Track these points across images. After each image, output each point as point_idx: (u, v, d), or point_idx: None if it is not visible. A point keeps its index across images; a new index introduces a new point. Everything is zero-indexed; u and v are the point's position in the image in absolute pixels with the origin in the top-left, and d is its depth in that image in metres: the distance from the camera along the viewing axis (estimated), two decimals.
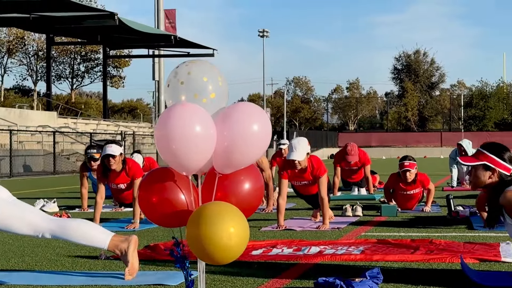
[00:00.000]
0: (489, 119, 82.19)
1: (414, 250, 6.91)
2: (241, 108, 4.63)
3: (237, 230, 4.39)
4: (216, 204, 4.51)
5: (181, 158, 4.45)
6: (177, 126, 4.39)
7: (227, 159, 4.56)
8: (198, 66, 4.60)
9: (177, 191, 4.64)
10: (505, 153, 5.32)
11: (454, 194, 14.38)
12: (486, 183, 5.30)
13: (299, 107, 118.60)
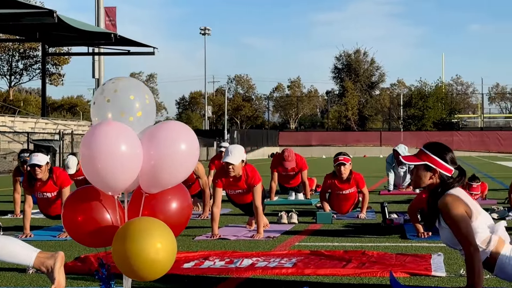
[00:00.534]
0: (428, 118, 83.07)
1: (347, 262, 6.90)
2: (168, 126, 4.56)
3: (164, 246, 4.32)
4: (142, 220, 4.45)
5: (107, 178, 4.37)
6: (102, 145, 4.31)
7: (153, 178, 4.49)
8: (125, 83, 4.53)
9: (102, 210, 4.56)
10: (447, 154, 5.34)
11: (391, 199, 14.51)
12: (426, 183, 5.33)
13: (240, 105, 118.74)
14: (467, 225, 5.12)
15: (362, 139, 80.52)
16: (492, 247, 5.18)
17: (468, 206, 5.19)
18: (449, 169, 5.30)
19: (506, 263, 5.17)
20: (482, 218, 5.25)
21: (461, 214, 5.12)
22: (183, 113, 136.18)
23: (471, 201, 5.26)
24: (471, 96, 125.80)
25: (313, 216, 11.20)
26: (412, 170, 5.48)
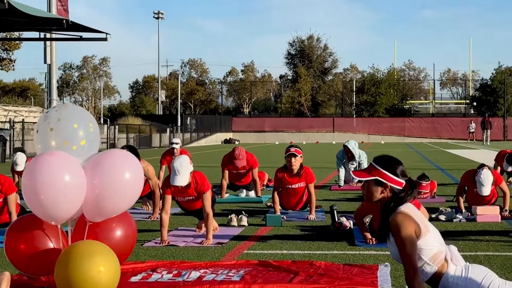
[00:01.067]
0: (380, 105, 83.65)
1: (294, 275, 6.92)
2: (113, 155, 4.53)
3: (107, 269, 4.30)
4: (85, 243, 4.41)
5: (49, 209, 4.33)
6: (45, 176, 4.27)
7: (97, 208, 4.46)
8: (68, 111, 4.48)
9: (45, 239, 4.52)
10: (397, 168, 5.39)
11: (341, 195, 14.57)
12: (378, 198, 5.37)
13: (194, 89, 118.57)
14: (412, 248, 5.17)
15: (315, 125, 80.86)
16: (438, 265, 5.25)
17: (418, 224, 5.25)
18: (399, 182, 5.35)
19: (450, 281, 5.24)
20: (430, 235, 5.31)
21: (409, 235, 5.17)
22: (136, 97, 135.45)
23: (421, 219, 5.32)
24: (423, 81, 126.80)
25: (263, 217, 11.23)
26: (363, 185, 5.51)
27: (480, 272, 5.31)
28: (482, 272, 5.30)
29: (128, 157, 4.55)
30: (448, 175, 21.17)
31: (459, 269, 5.28)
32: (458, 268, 5.29)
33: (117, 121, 67.87)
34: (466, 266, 5.32)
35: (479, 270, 5.33)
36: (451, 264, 5.28)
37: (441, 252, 5.28)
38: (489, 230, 10.04)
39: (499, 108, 78.73)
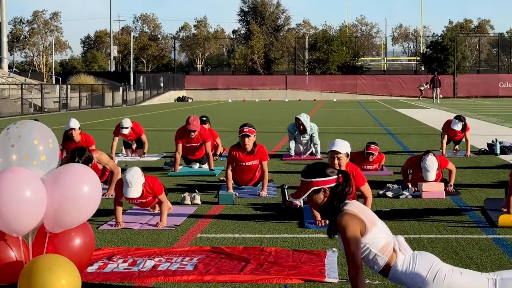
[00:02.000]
0: (332, 62, 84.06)
1: (245, 264, 7.22)
2: (72, 170, 4.75)
3: (68, 282, 4.54)
4: (47, 257, 4.64)
5: (11, 223, 4.55)
6: (6, 192, 4.48)
7: (57, 220, 4.69)
8: (29, 128, 4.69)
9: (6, 248, 4.73)
10: (323, 170, 5.64)
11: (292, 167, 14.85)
12: (323, 202, 5.63)
13: (146, 45, 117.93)
14: (356, 247, 5.47)
15: (268, 82, 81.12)
16: (388, 256, 5.56)
17: (364, 221, 5.53)
18: (332, 180, 5.61)
19: (399, 271, 5.55)
20: (377, 228, 5.59)
21: (354, 236, 5.46)
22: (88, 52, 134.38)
23: (366, 215, 5.61)
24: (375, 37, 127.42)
25: (216, 194, 11.50)
26: (307, 200, 5.77)
27: (428, 261, 5.61)
28: (430, 261, 5.61)
29: (86, 171, 4.77)
30: (398, 142, 21.59)
31: (407, 258, 5.59)
32: (407, 258, 5.60)
33: (69, 79, 67.37)
34: (414, 255, 5.62)
35: (427, 259, 5.63)
36: (400, 254, 5.59)
37: (389, 243, 5.58)
38: (434, 208, 10.41)
39: (449, 65, 79.60)
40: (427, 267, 5.55)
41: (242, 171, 12.00)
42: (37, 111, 46.98)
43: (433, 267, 5.55)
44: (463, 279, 5.58)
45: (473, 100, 64.57)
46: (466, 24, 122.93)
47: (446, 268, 5.59)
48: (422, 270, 5.53)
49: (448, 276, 5.52)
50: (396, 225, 9.18)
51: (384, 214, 9.94)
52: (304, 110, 45.50)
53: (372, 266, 5.61)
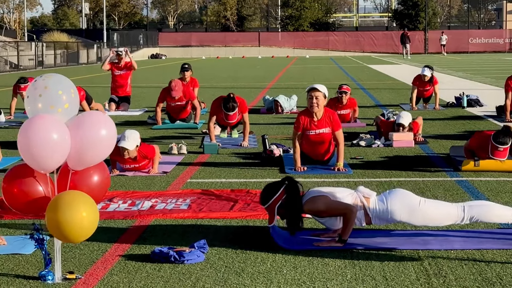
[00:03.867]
0: (305, 19, 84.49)
1: (234, 203, 8.01)
2: (91, 116, 5.51)
3: (88, 214, 5.31)
4: (70, 193, 5.40)
5: (40, 161, 5.30)
6: (37, 135, 5.22)
7: (79, 159, 5.44)
8: (54, 80, 5.41)
9: (36, 184, 5.49)
10: (270, 191, 6.39)
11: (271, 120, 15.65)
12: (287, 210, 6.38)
13: (118, 1, 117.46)
14: (333, 204, 6.31)
15: (241, 39, 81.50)
16: (360, 205, 6.40)
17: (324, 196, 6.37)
18: (282, 191, 6.36)
19: (376, 209, 6.40)
20: (338, 194, 6.44)
21: (323, 203, 6.32)
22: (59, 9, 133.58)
23: (323, 192, 6.44)
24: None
25: (200, 145, 12.26)
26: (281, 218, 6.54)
27: (400, 194, 6.47)
28: (402, 194, 6.46)
29: (103, 117, 5.52)
30: (370, 96, 22.40)
31: (376, 199, 6.43)
32: (373, 199, 6.45)
33: (42, 36, 67.41)
34: (385, 194, 6.47)
35: (399, 194, 6.48)
36: (369, 200, 6.42)
37: (355, 198, 6.42)
38: (403, 155, 11.25)
39: (421, 21, 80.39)
40: (401, 200, 6.39)
41: (226, 123, 12.71)
42: (13, 69, 47.31)
43: (406, 198, 6.40)
44: (434, 205, 6.44)
45: (443, 56, 65.47)
46: None
47: (419, 198, 6.44)
48: (397, 203, 6.36)
49: (422, 204, 6.37)
50: (369, 172, 10.00)
51: (358, 162, 10.79)
52: (277, 66, 46.28)
53: (356, 223, 6.41)
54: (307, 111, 10.09)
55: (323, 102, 9.99)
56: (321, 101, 9.92)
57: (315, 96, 9.91)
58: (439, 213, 6.41)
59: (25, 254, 6.22)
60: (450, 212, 6.40)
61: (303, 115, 10.12)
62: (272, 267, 5.82)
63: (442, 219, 6.40)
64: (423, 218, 6.37)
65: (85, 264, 5.93)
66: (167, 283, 5.44)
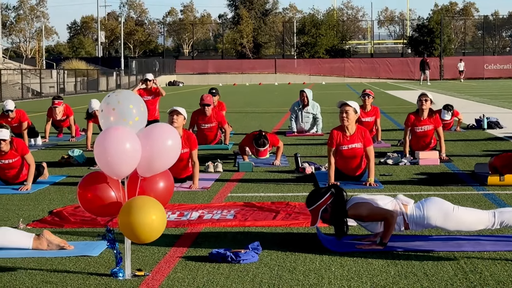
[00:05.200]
0: (321, 46, 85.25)
1: (276, 214, 8.56)
2: (158, 128, 6.10)
3: (157, 217, 5.87)
4: (141, 198, 5.97)
5: (114, 168, 5.88)
6: (112, 144, 5.81)
7: (148, 166, 6.02)
8: (125, 96, 6.00)
9: (108, 189, 6.06)
10: (317, 195, 6.95)
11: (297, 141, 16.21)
12: (331, 215, 6.94)
13: (133, 30, 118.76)
14: (375, 210, 6.86)
15: (257, 66, 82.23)
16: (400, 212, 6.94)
17: (367, 202, 6.93)
18: (327, 198, 6.93)
19: (413, 215, 6.94)
20: (380, 200, 7.01)
21: (366, 209, 6.89)
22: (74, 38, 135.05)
23: (366, 199, 7.02)
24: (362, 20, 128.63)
25: (234, 164, 12.84)
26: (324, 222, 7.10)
27: (435, 202, 7.01)
28: (437, 202, 7.01)
29: (169, 128, 6.11)
30: (391, 119, 22.93)
31: (412, 206, 6.98)
32: (411, 206, 6.99)
33: (60, 64, 68.42)
34: (421, 202, 7.02)
35: (434, 201, 7.03)
36: (407, 207, 6.97)
37: (395, 204, 6.98)
38: (430, 172, 11.79)
39: (436, 48, 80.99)
40: (436, 206, 6.93)
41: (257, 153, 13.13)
42: (35, 96, 48.11)
43: (441, 205, 6.94)
44: (467, 212, 6.99)
45: (459, 82, 65.97)
46: (451, 7, 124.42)
47: (452, 205, 6.99)
48: (433, 210, 6.91)
49: (456, 211, 6.91)
50: (399, 186, 10.54)
51: (388, 178, 11.33)
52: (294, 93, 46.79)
53: (396, 228, 6.96)
54: (340, 127, 10.68)
55: (353, 117, 10.58)
56: (351, 115, 10.51)
57: (345, 111, 10.50)
58: (472, 218, 6.94)
59: (92, 256, 6.79)
60: (482, 218, 6.94)
61: (336, 131, 10.71)
62: (321, 265, 6.37)
63: (475, 224, 6.94)
64: (457, 223, 6.90)
65: (149, 264, 6.50)
66: (228, 279, 5.99)
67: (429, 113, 13.32)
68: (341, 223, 6.93)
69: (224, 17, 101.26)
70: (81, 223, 8.26)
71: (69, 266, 6.47)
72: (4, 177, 11.04)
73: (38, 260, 6.70)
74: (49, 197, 10.07)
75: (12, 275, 6.21)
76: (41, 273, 6.28)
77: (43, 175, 11.45)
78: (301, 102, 18.41)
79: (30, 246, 6.94)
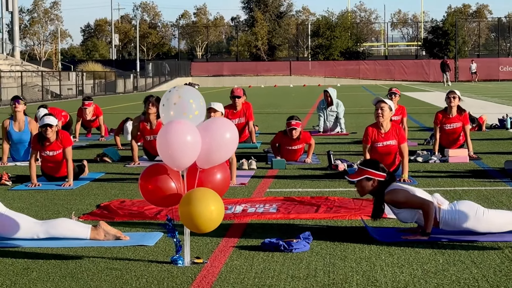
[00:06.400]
0: (335, 48, 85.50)
1: (317, 207, 8.81)
2: (217, 121, 6.39)
3: (216, 208, 6.14)
4: (200, 189, 6.25)
5: (176, 160, 6.16)
6: (174, 136, 6.09)
7: (207, 158, 6.30)
8: (185, 91, 6.29)
9: (169, 180, 6.34)
10: (379, 166, 7.31)
11: (324, 140, 16.46)
12: (370, 190, 7.27)
13: (146, 33, 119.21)
14: (413, 197, 7.12)
15: (272, 68, 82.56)
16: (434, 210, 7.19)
17: (405, 189, 7.20)
18: (382, 175, 7.26)
19: (446, 217, 7.17)
20: (418, 192, 7.26)
21: (403, 196, 7.13)
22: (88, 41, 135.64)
23: (406, 187, 7.28)
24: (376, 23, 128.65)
25: (266, 162, 13.11)
26: (356, 183, 7.37)
27: (467, 204, 7.26)
28: (469, 205, 7.26)
29: (227, 122, 6.39)
30: (412, 119, 23.14)
31: (448, 207, 7.22)
32: (448, 207, 7.23)
33: (77, 67, 68.88)
34: (454, 204, 7.26)
35: (467, 204, 7.28)
36: (442, 207, 7.22)
37: (432, 199, 7.22)
38: (461, 169, 12.03)
39: (451, 50, 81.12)
40: (468, 209, 7.17)
41: (290, 153, 13.30)
42: (54, 98, 48.50)
43: (472, 208, 7.18)
44: (498, 214, 7.23)
45: (474, 84, 66.10)
46: (465, 9, 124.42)
47: (483, 208, 7.23)
48: (464, 212, 7.15)
49: (486, 213, 7.15)
50: (433, 181, 10.79)
51: (420, 174, 11.57)
52: (311, 94, 47.14)
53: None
54: (374, 124, 10.95)
55: (388, 114, 10.84)
56: (386, 112, 10.78)
57: (381, 107, 10.78)
58: (502, 220, 7.18)
59: (149, 246, 7.07)
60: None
61: (371, 128, 10.97)
62: (370, 254, 6.63)
63: (505, 224, 7.17)
64: (488, 225, 7.13)
65: (205, 253, 6.77)
66: (283, 266, 6.26)
67: (458, 111, 13.57)
68: (380, 202, 7.16)
69: (237, 19, 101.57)
70: (129, 216, 8.55)
71: (128, 255, 6.75)
72: (47, 170, 11.31)
73: (98, 249, 6.98)
74: (93, 192, 10.36)
75: (77, 263, 6.50)
76: (103, 260, 6.57)
77: (84, 173, 11.75)
78: (325, 101, 18.68)
79: (88, 236, 7.22)
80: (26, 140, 13.62)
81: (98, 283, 5.84)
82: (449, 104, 13.61)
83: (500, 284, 5.68)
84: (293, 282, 5.78)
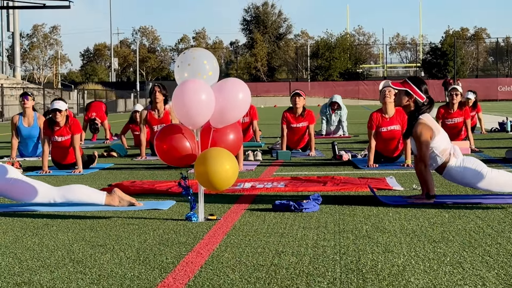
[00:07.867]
0: (335, 69, 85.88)
1: (324, 183, 9.05)
2: (230, 82, 6.63)
3: (230, 167, 6.36)
4: (215, 149, 6.47)
5: (191, 118, 6.39)
6: (189, 95, 6.32)
7: (220, 117, 6.54)
8: (200, 53, 6.54)
9: (184, 140, 6.57)
10: (423, 86, 7.53)
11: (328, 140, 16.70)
12: (403, 104, 7.51)
13: (146, 57, 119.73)
14: (426, 149, 7.33)
15: (271, 89, 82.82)
16: (445, 157, 7.40)
17: (433, 129, 7.40)
18: (422, 97, 7.48)
19: (452, 168, 7.38)
20: (441, 136, 7.45)
21: (425, 140, 7.33)
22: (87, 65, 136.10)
23: (435, 125, 7.49)
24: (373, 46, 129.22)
25: (271, 154, 13.35)
26: (396, 93, 7.61)
27: (474, 162, 7.46)
28: (475, 162, 7.46)
29: (240, 83, 6.63)
30: None
31: (459, 160, 7.44)
32: (458, 160, 7.45)
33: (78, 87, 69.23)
34: (463, 159, 7.47)
35: (473, 161, 7.47)
36: (453, 157, 7.43)
37: (448, 148, 7.44)
38: None
39: (449, 70, 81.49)
40: (474, 166, 7.39)
41: (293, 133, 13.68)
42: None
43: (478, 166, 7.39)
44: (501, 173, 7.44)
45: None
46: (463, 33, 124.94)
47: (488, 167, 7.45)
48: (469, 168, 7.37)
49: (489, 172, 7.37)
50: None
51: None
52: None
53: (431, 164, 7.44)
54: (379, 110, 11.20)
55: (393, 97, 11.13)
56: (393, 93, 11.04)
57: (389, 91, 11.03)
58: (505, 179, 7.39)
59: (162, 209, 7.29)
60: None
61: (375, 113, 11.21)
62: (378, 212, 6.86)
63: (507, 184, 7.38)
64: (489, 182, 7.31)
65: (217, 214, 6.98)
66: (295, 221, 6.47)
67: (459, 106, 13.91)
68: (412, 124, 7.39)
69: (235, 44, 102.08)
70: (141, 191, 8.76)
71: (144, 215, 6.97)
72: (55, 156, 11.55)
73: (114, 212, 7.21)
74: (104, 177, 10.59)
75: (94, 220, 6.73)
76: (120, 218, 6.79)
77: (93, 163, 11.98)
78: (330, 108, 18.94)
79: (103, 202, 7.42)
80: (35, 135, 13.88)
81: (117, 233, 6.05)
82: (452, 101, 13.94)
83: (505, 230, 5.89)
84: (305, 231, 5.99)
